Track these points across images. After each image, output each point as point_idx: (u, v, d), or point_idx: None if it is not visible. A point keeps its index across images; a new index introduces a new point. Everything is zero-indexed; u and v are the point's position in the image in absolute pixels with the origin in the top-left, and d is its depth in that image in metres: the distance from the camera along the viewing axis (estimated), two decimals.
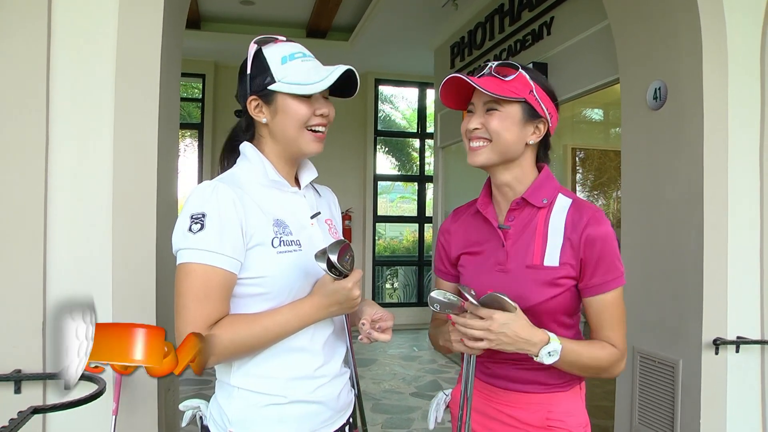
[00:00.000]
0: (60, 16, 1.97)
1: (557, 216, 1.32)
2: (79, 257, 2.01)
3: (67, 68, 1.98)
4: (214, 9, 6.26)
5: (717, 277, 2.50)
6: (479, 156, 1.32)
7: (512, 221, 1.36)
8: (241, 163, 1.27)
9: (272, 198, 1.23)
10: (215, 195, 1.13)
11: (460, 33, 5.71)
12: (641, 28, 2.81)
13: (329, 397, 1.24)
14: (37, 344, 1.95)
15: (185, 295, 1.10)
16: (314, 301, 1.18)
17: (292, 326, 1.16)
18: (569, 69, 3.98)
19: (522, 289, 1.29)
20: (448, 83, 1.32)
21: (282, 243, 1.18)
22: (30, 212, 1.94)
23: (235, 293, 1.15)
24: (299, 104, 1.21)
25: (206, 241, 1.10)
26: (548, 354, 1.22)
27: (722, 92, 2.52)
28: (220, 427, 1.19)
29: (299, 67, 1.21)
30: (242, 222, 1.13)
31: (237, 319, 1.12)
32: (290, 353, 1.19)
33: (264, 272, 1.15)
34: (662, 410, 2.68)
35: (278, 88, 1.20)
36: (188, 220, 1.11)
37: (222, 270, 1.10)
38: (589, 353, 1.29)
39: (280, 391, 1.18)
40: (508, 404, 1.37)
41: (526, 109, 1.30)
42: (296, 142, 1.24)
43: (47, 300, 1.97)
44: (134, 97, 2.01)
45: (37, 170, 1.95)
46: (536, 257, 1.30)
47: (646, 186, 2.82)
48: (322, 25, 6.62)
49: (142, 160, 2.02)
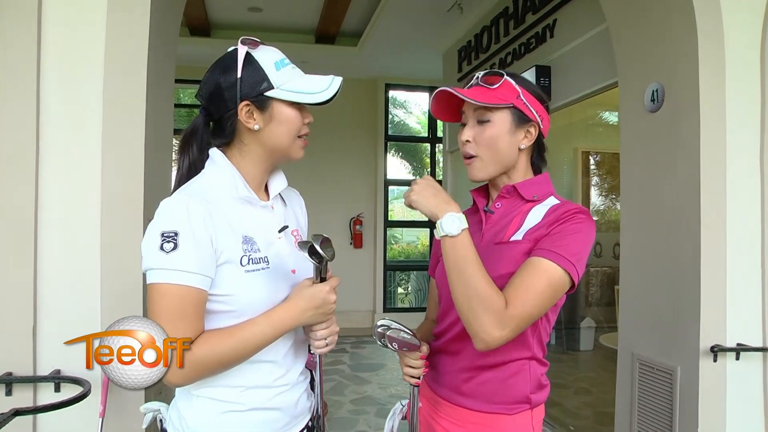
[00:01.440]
0: (50, 25, 2.02)
1: (540, 209, 1.32)
2: (69, 261, 2.04)
3: (57, 76, 2.03)
4: (223, 17, 6.33)
5: (715, 282, 2.45)
6: (477, 172, 1.34)
7: (498, 208, 1.37)
8: (209, 172, 1.21)
9: (242, 213, 1.20)
10: (188, 213, 1.10)
11: (467, 37, 5.69)
12: (638, 30, 2.78)
13: (288, 403, 1.24)
14: (28, 347, 1.99)
15: (160, 316, 1.07)
16: (290, 305, 1.16)
17: (269, 335, 1.14)
18: (572, 71, 3.95)
19: (486, 262, 1.25)
20: (438, 97, 1.33)
21: (251, 261, 1.16)
22: (21, 218, 1.98)
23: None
24: (295, 113, 1.20)
25: (180, 261, 1.07)
26: (450, 220, 1.17)
27: (719, 93, 2.47)
28: (179, 431, 1.20)
29: (291, 74, 1.19)
30: (213, 239, 1.12)
31: (212, 335, 1.11)
32: (251, 364, 1.18)
33: (232, 291, 1.14)
34: (661, 417, 2.63)
35: (277, 95, 1.16)
36: (159, 238, 1.08)
37: (195, 289, 1.09)
38: (479, 270, 1.16)
39: (239, 399, 1.18)
40: (449, 420, 1.35)
41: (516, 115, 1.31)
42: (287, 150, 1.23)
43: (37, 304, 2.01)
44: (121, 104, 2.06)
45: (28, 177, 1.99)
46: (506, 237, 1.30)
47: (644, 189, 2.78)
48: (331, 30, 6.65)
49: (129, 165, 2.06)
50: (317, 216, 8.49)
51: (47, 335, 2.01)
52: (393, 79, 8.06)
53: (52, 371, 1.98)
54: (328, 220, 7.99)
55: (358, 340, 7.23)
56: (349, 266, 7.89)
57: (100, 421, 1.95)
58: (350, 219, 8.06)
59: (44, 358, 2.01)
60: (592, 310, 5.80)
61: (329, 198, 8.02)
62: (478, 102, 1.27)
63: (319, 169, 7.97)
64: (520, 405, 1.31)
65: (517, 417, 1.31)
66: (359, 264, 8.04)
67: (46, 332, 2.01)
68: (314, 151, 7.92)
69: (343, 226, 8.04)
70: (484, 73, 1.33)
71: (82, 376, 1.94)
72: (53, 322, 2.02)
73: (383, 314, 8.13)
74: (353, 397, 4.93)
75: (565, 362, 5.72)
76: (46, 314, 2.01)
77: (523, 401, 1.31)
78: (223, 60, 1.20)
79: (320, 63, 7.10)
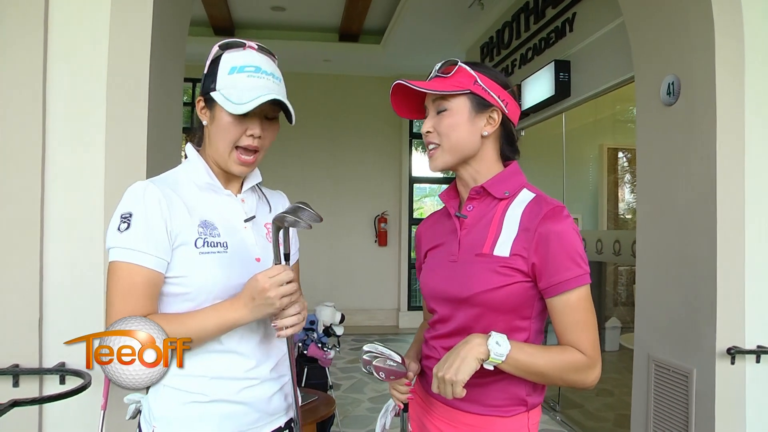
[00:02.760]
0: (55, 25, 2.06)
1: (516, 208, 1.26)
2: (73, 257, 2.08)
3: (62, 75, 2.07)
4: (246, 16, 6.40)
5: (732, 282, 2.36)
6: (435, 161, 1.30)
7: (470, 210, 1.31)
8: (182, 164, 1.29)
9: (204, 200, 1.23)
10: (142, 195, 1.15)
11: (489, 33, 5.63)
12: (654, 21, 2.70)
13: (257, 399, 1.22)
14: (34, 340, 2.03)
15: (111, 291, 1.12)
16: (235, 297, 1.16)
17: (212, 324, 1.13)
18: (592, 66, 3.86)
19: (467, 276, 1.23)
20: (396, 93, 1.31)
21: (206, 244, 1.17)
22: (27, 215, 2.03)
23: (160, 292, 1.17)
24: (231, 120, 1.18)
25: (131, 240, 1.12)
26: (496, 344, 1.14)
27: (738, 86, 2.38)
28: (147, 422, 1.21)
29: (242, 82, 1.18)
30: (167, 222, 1.14)
31: (158, 317, 1.13)
32: (217, 354, 1.19)
33: (185, 272, 1.15)
34: (677, 421, 2.55)
35: (214, 96, 1.18)
36: (118, 219, 1.14)
37: (146, 269, 1.12)
38: (544, 356, 1.18)
39: (202, 389, 1.18)
40: (442, 420, 1.31)
41: (475, 101, 1.26)
42: (223, 158, 1.22)
43: (43, 299, 2.05)
44: (124, 103, 2.09)
45: (34, 173, 2.03)
46: (486, 246, 1.24)
47: (660, 186, 2.70)
48: (354, 28, 6.66)
49: (131, 163, 2.09)
50: (341, 214, 8.59)
51: (53, 329, 2.05)
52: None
53: (57, 364, 2.02)
54: (353, 219, 8.01)
55: (382, 338, 7.23)
56: (373, 264, 7.90)
57: (101, 413, 1.97)
58: (375, 217, 8.06)
59: (50, 351, 2.05)
60: (618, 309, 5.66)
61: (354, 196, 8.04)
62: (431, 90, 1.25)
63: (343, 168, 8.00)
64: (516, 407, 1.26)
65: (513, 419, 1.26)
66: (384, 262, 8.04)
67: (51, 326, 2.05)
68: (336, 150, 7.96)
69: (368, 224, 8.05)
70: (440, 64, 1.30)
71: (85, 369, 1.98)
72: (58, 316, 2.05)
73: (407, 312, 8.11)
74: (372, 395, 4.92)
75: None
76: (52, 308, 2.05)
77: (519, 403, 1.26)
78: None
79: (344, 61, 7.13)
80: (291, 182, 7.82)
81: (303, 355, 3.63)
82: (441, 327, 1.33)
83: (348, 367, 5.84)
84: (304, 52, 6.95)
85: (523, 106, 4.65)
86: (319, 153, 7.97)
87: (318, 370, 3.68)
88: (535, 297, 1.24)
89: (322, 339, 3.69)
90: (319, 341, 3.66)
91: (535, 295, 1.24)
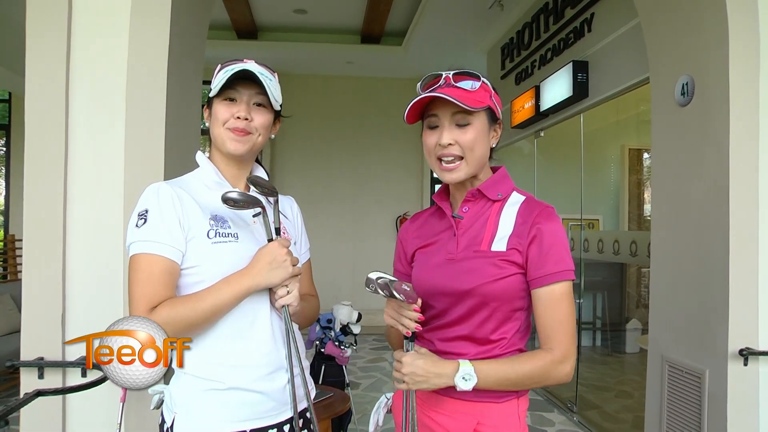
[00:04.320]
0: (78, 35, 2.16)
1: (509, 209, 1.34)
2: (95, 257, 2.17)
3: (84, 81, 2.16)
4: (269, 20, 6.50)
5: (745, 282, 2.34)
6: (458, 173, 1.32)
7: (466, 212, 1.38)
8: (194, 171, 1.40)
9: (214, 198, 1.30)
10: (156, 194, 1.26)
11: (509, 34, 5.62)
12: (669, 21, 2.69)
13: (272, 387, 1.28)
14: (58, 335, 2.13)
15: (131, 281, 1.21)
16: (247, 266, 1.26)
17: (228, 293, 1.22)
18: (610, 66, 3.84)
19: (468, 271, 1.29)
20: (416, 102, 1.32)
21: (218, 234, 1.27)
22: (50, 217, 2.13)
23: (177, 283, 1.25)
24: (220, 107, 1.32)
25: (148, 233, 1.22)
26: (463, 379, 1.21)
27: (752, 86, 2.36)
28: (170, 409, 1.28)
29: (223, 74, 1.30)
30: (180, 216, 1.24)
31: (174, 299, 1.22)
32: (233, 341, 1.26)
33: (199, 261, 1.24)
34: (689, 422, 2.54)
35: (211, 94, 1.34)
36: (136, 217, 1.25)
37: (163, 257, 1.21)
38: (514, 369, 1.26)
39: (219, 377, 1.24)
40: (436, 410, 1.35)
41: (490, 115, 1.33)
42: (220, 140, 1.33)
43: (66, 296, 2.15)
44: (142, 106, 2.17)
45: (57, 176, 2.14)
46: (485, 243, 1.31)
47: (674, 186, 2.69)
48: (375, 30, 6.71)
49: (150, 165, 2.17)
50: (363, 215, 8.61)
51: (75, 325, 2.15)
52: None
53: (78, 357, 2.11)
54: (375, 219, 8.06)
55: None
56: None
57: (120, 405, 2.06)
58: (397, 218, 8.10)
59: (73, 345, 2.14)
60: (639, 311, 5.61)
61: (375, 198, 8.09)
62: (469, 107, 1.26)
63: (366, 169, 8.06)
64: (507, 395, 1.31)
65: (504, 405, 1.32)
66: None
67: (73, 322, 2.15)
68: (359, 152, 8.03)
69: (389, 225, 8.10)
70: (454, 73, 1.31)
71: None
72: (80, 313, 2.15)
73: None
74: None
75: (609, 365, 5.56)
76: (74, 306, 2.15)
77: (510, 391, 1.31)
78: None
79: (366, 63, 7.19)
80: (316, 183, 7.91)
81: (320, 353, 3.68)
82: (437, 321, 1.37)
83: (368, 366, 5.88)
84: (326, 54, 7.03)
85: (542, 107, 4.64)
86: (342, 154, 8.04)
87: (335, 368, 3.72)
88: (528, 289, 1.31)
89: (339, 337, 3.74)
90: (336, 339, 3.71)
91: (528, 287, 1.31)
